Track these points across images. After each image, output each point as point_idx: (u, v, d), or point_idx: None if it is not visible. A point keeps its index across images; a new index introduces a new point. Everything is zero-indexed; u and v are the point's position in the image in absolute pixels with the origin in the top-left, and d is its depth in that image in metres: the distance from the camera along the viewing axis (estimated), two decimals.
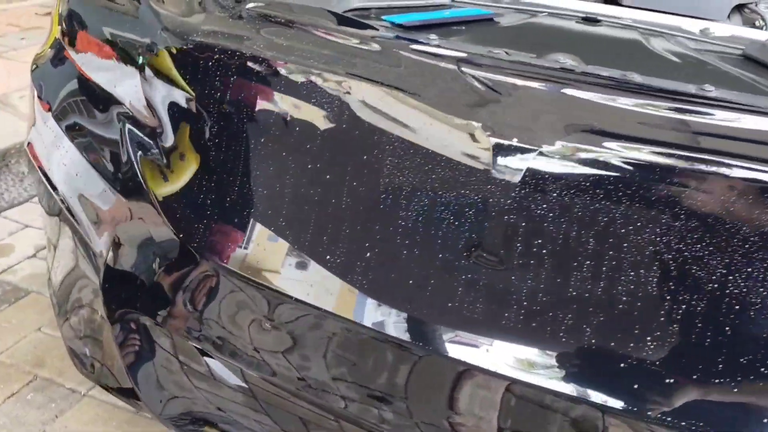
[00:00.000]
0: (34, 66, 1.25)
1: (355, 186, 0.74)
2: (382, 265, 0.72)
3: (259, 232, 0.79)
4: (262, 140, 0.79)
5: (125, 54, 0.93)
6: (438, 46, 0.78)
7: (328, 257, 0.73)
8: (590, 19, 0.99)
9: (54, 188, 1.09)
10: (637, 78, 0.75)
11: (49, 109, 1.13)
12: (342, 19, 0.85)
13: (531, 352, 0.66)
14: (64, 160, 1.04)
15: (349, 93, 0.74)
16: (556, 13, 1.02)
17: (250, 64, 0.80)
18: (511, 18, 0.97)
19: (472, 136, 0.70)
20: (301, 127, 0.77)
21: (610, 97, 0.72)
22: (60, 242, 1.15)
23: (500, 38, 0.93)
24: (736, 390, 0.61)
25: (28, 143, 1.22)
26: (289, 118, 0.77)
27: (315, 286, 0.74)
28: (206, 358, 0.88)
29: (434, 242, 0.70)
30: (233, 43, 0.83)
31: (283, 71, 0.79)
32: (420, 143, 0.72)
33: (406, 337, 0.70)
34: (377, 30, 0.85)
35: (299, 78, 0.77)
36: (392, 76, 0.75)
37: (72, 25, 1.07)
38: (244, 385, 0.85)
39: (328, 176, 0.76)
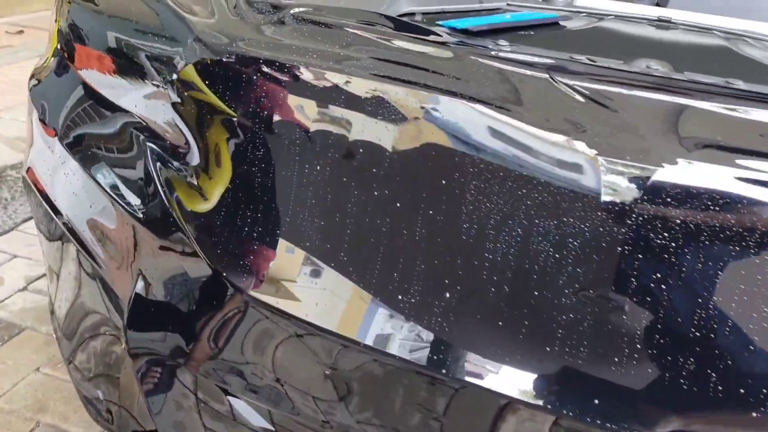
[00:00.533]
0: (34, 83, 1.13)
1: (433, 216, 0.63)
2: (464, 310, 0.62)
3: (312, 267, 0.69)
4: (317, 164, 0.69)
5: (148, 69, 0.82)
6: (520, 52, 0.69)
7: (399, 300, 0.63)
8: (663, 22, 0.91)
9: (60, 216, 0.99)
10: (741, 85, 0.67)
11: (55, 133, 1.02)
12: (399, 24, 0.75)
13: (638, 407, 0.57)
14: (76, 189, 0.92)
15: (424, 109, 0.65)
16: (623, 17, 0.94)
17: (301, 76, 0.70)
18: (578, 22, 0.88)
19: (576, 155, 0.60)
20: (365, 148, 0.67)
21: (725, 107, 0.63)
22: (65, 272, 1.04)
23: (573, 43, 0.84)
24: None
25: (28, 169, 1.11)
26: (351, 139, 0.67)
27: (381, 329, 0.64)
28: (236, 399, 0.77)
29: (529, 279, 0.60)
30: (279, 53, 0.73)
31: (341, 84, 0.69)
32: (512, 165, 0.62)
33: (474, 381, 0.60)
34: (440, 36, 0.75)
35: (361, 92, 0.67)
36: (475, 89, 0.65)
37: (79, 39, 0.96)
38: None
39: (398, 204, 0.65)
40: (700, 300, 0.56)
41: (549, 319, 0.60)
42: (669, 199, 0.58)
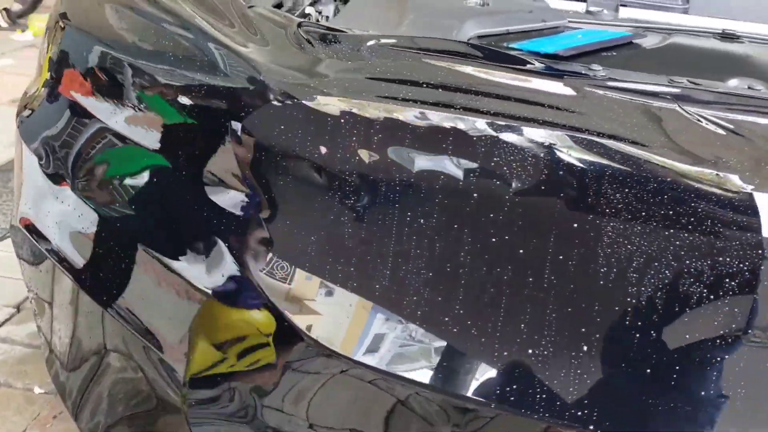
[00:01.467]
0: (24, 116, 1.00)
1: (577, 265, 0.58)
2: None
3: (420, 330, 0.62)
4: (416, 209, 0.62)
5: (196, 113, 0.73)
6: (628, 80, 0.64)
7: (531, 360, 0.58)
8: (728, 36, 0.90)
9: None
10: None
11: (64, 182, 0.90)
12: (490, 54, 0.69)
13: None
14: (108, 255, 0.81)
15: (552, 149, 0.59)
16: (689, 32, 0.91)
17: (402, 118, 0.63)
18: (651, 39, 0.85)
19: (728, 192, 0.57)
20: (480, 193, 0.60)
21: None
22: (82, 328, 0.92)
23: (659, 64, 0.81)
24: None
25: (21, 218, 0.98)
26: (467, 187, 0.60)
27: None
28: None
29: (689, 326, 0.56)
30: (365, 90, 0.66)
31: (446, 124, 0.62)
32: (656, 206, 0.57)
33: None
34: (533, 63, 0.70)
35: (476, 134, 0.61)
36: (602, 123, 0.60)
37: (108, 74, 0.84)
38: None
39: (521, 251, 0.60)
40: None
41: None
42: None
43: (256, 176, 0.67)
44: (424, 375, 0.62)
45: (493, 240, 0.59)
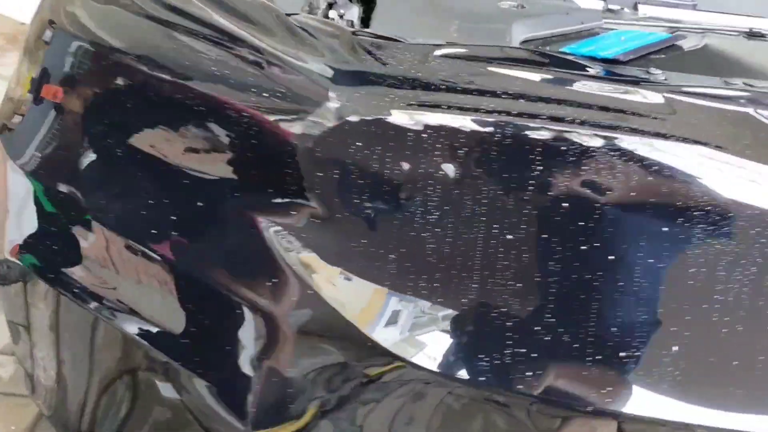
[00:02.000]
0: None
1: (672, 275, 0.59)
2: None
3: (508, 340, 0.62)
4: (508, 223, 0.62)
5: (258, 135, 0.67)
6: (697, 84, 0.66)
7: None
8: (755, 35, 0.93)
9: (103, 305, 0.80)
10: None
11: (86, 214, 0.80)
12: (557, 60, 0.69)
13: None
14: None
15: (644, 156, 0.60)
16: (715, 31, 0.94)
17: (483, 129, 0.62)
18: (689, 41, 0.87)
19: None
20: (571, 203, 0.61)
21: None
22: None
23: (702, 65, 0.83)
24: None
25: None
26: (565, 201, 0.59)
27: None
28: None
29: None
30: (443, 102, 0.64)
31: (533, 135, 0.62)
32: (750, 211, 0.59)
33: None
34: (593, 68, 0.70)
35: (559, 142, 0.61)
36: (690, 130, 0.61)
37: (129, 88, 0.77)
38: None
39: (619, 260, 0.60)
40: None
41: None
42: None
43: (336, 199, 0.65)
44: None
45: (590, 251, 0.60)
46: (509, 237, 0.61)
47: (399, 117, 0.63)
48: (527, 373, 0.61)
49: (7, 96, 0.97)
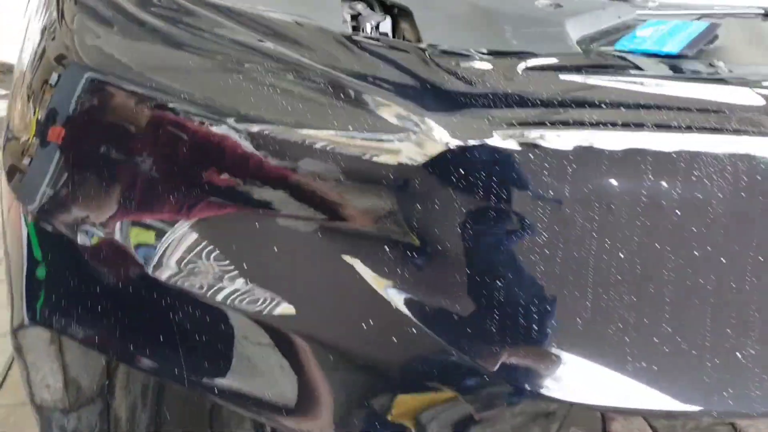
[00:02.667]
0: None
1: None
2: None
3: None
4: (628, 240, 0.61)
5: (350, 170, 0.62)
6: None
7: None
8: None
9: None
10: None
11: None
12: (635, 63, 0.69)
13: None
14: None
15: (748, 156, 0.60)
16: (731, 14, 0.96)
17: (593, 143, 0.61)
18: (724, 29, 0.89)
19: None
20: (684, 211, 0.60)
21: None
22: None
23: (741, 52, 0.85)
24: None
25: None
26: (672, 215, 0.60)
27: None
28: None
29: None
30: (544, 119, 0.62)
31: (642, 145, 0.61)
32: None
33: None
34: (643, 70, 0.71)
35: (669, 149, 0.61)
36: None
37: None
38: None
39: (736, 263, 0.61)
40: None
41: None
42: None
43: (442, 233, 0.62)
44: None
45: (708, 257, 0.61)
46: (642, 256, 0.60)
47: (500, 140, 0.61)
48: None
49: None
